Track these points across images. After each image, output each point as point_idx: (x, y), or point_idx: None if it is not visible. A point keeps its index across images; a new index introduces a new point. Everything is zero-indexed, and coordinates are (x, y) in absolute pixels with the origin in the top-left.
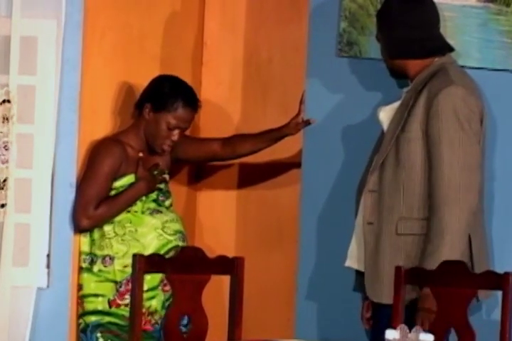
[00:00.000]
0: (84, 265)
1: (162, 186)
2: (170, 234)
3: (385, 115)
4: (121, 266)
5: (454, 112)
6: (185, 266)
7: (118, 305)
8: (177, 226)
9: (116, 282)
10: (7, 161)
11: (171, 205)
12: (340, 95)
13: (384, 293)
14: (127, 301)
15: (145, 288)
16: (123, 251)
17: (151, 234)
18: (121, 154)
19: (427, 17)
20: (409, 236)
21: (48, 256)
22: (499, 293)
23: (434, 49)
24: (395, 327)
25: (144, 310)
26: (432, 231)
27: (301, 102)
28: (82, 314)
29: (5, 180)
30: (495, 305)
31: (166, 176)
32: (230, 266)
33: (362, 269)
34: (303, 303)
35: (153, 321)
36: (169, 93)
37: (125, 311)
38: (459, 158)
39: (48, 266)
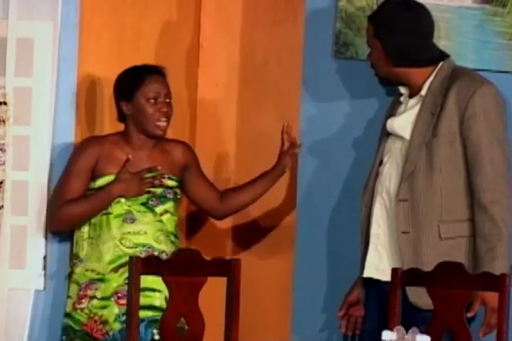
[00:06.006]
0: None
1: (160, 190)
2: (128, 247)
3: (401, 124)
4: (84, 269)
5: (494, 111)
6: (181, 267)
7: (75, 309)
8: (141, 239)
9: (79, 284)
10: (3, 163)
11: (165, 211)
12: (337, 96)
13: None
14: (83, 305)
15: (99, 296)
16: (88, 254)
17: (108, 243)
18: (96, 152)
19: (428, 24)
20: (453, 240)
21: (45, 258)
22: None
23: (440, 56)
24: (392, 329)
25: (96, 318)
26: (485, 230)
27: (283, 132)
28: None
29: (1, 182)
30: None
31: (165, 181)
32: (227, 267)
33: (383, 278)
34: (299, 305)
35: (104, 331)
36: (128, 79)
37: (80, 315)
38: (500, 156)
39: (45, 268)
